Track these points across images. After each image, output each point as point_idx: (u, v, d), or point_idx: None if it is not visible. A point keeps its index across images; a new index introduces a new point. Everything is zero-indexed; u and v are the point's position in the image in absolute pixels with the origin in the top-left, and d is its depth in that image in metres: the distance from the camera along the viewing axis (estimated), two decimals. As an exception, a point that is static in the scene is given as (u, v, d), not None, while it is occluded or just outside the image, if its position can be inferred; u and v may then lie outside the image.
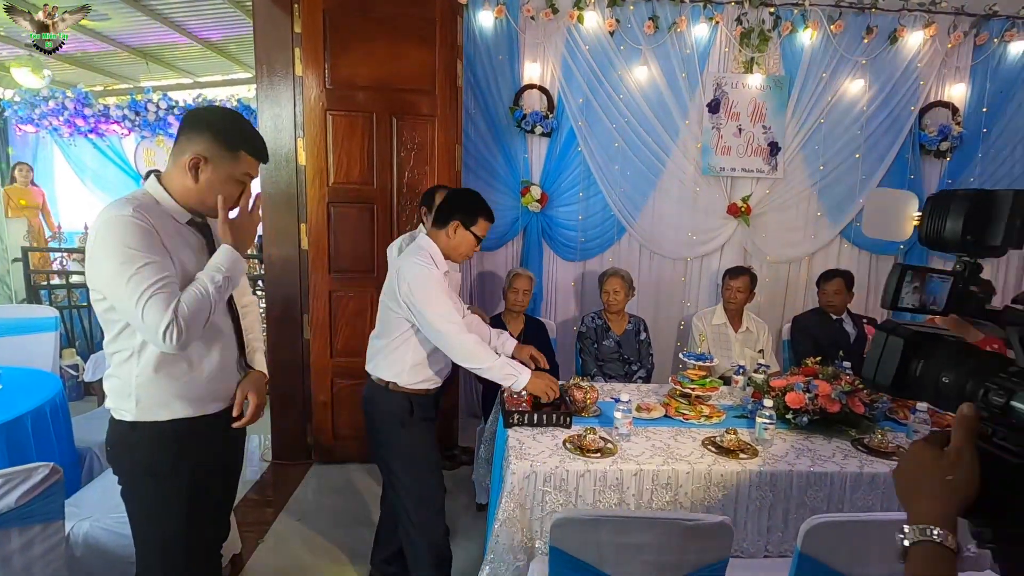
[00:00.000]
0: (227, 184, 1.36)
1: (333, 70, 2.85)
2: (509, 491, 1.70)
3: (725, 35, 3.48)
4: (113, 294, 1.26)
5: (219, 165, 1.34)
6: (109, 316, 1.32)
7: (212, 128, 1.33)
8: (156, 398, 1.34)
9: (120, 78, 7.65)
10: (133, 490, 1.40)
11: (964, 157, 3.61)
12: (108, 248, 1.23)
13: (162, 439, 1.35)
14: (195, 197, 1.36)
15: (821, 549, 1.22)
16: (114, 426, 1.37)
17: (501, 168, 3.53)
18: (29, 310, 3.13)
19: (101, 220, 1.26)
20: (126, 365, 1.33)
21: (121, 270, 1.22)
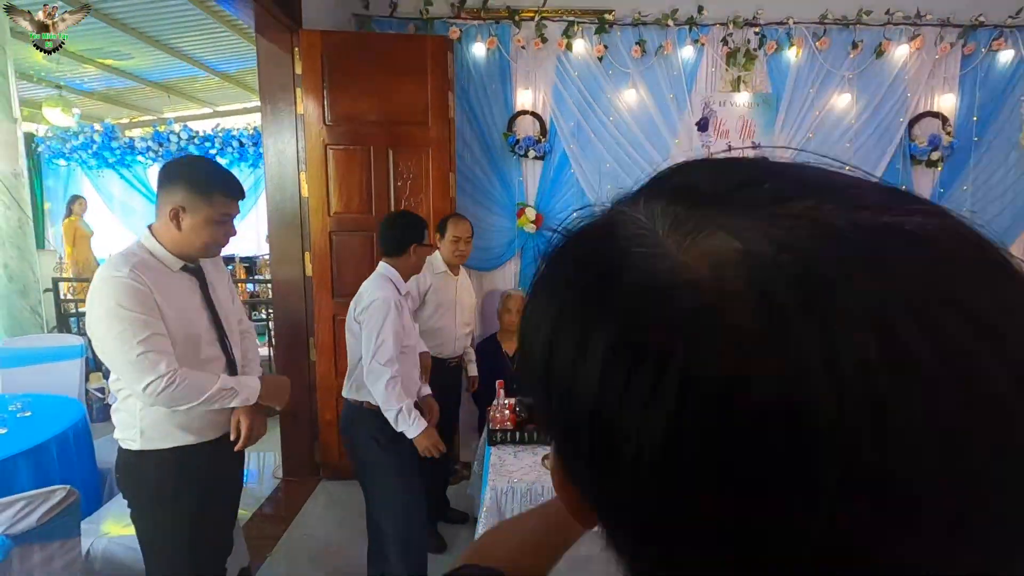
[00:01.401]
0: (208, 226, 1.48)
1: (332, 107, 3.02)
2: (488, 507, 1.81)
3: (711, 55, 3.58)
4: (103, 347, 1.41)
5: (196, 211, 1.46)
6: None
7: (183, 178, 1.47)
8: (159, 429, 1.49)
9: (144, 110, 8.05)
10: (141, 513, 1.55)
11: (956, 166, 3.62)
12: (103, 307, 1.37)
13: (165, 465, 1.50)
14: (182, 244, 1.49)
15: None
16: (122, 455, 1.53)
17: (497, 191, 3.67)
18: (57, 339, 3.36)
19: (100, 278, 1.41)
20: (129, 400, 1.48)
21: (112, 327, 1.36)
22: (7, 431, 2.12)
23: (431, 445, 1.95)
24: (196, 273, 1.57)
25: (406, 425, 1.91)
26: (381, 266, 2.09)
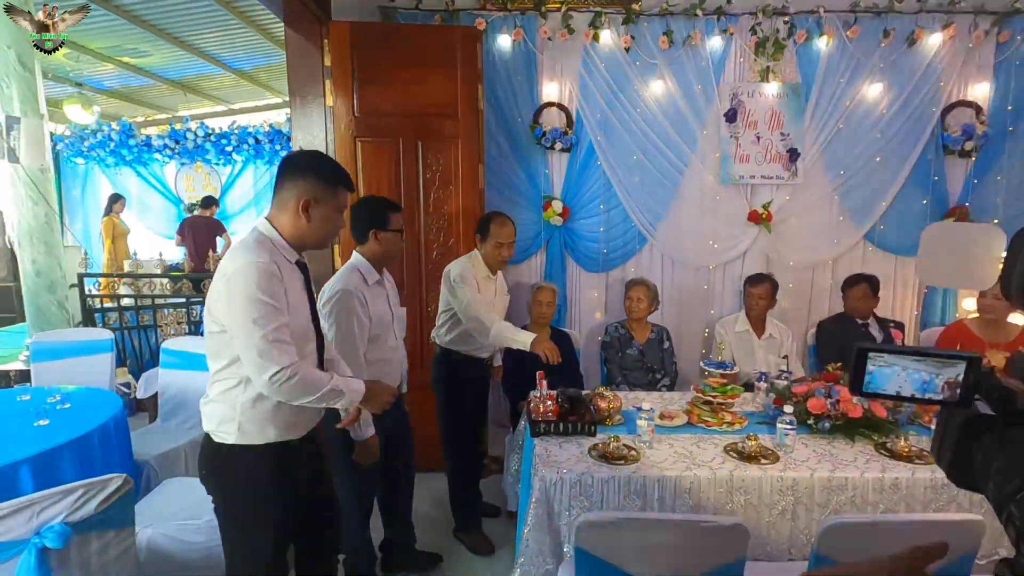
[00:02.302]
0: (332, 218, 1.53)
1: (361, 99, 3.01)
2: (537, 498, 1.79)
3: (740, 45, 3.54)
4: (236, 331, 1.39)
5: (324, 202, 1.50)
6: (222, 347, 1.46)
7: (313, 171, 1.51)
8: (256, 424, 1.48)
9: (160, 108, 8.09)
10: (229, 507, 1.56)
11: (990, 156, 3.56)
12: (243, 291, 1.37)
13: (259, 461, 1.50)
14: (309, 235, 1.51)
15: (837, 550, 1.28)
16: (213, 448, 1.52)
17: (523, 184, 3.65)
18: (87, 333, 3.36)
19: (240, 263, 1.39)
20: (232, 392, 1.48)
21: (249, 311, 1.37)
22: (49, 422, 2.12)
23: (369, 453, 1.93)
24: (303, 268, 1.59)
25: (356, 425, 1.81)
26: (352, 255, 2.10)
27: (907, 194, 3.62)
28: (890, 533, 1.27)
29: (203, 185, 7.43)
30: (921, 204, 3.62)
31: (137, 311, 4.37)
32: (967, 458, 0.61)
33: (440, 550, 2.57)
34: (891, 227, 3.67)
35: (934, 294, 3.74)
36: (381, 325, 2.06)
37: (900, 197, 3.62)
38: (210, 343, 1.49)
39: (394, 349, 2.16)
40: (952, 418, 0.64)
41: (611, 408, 2.22)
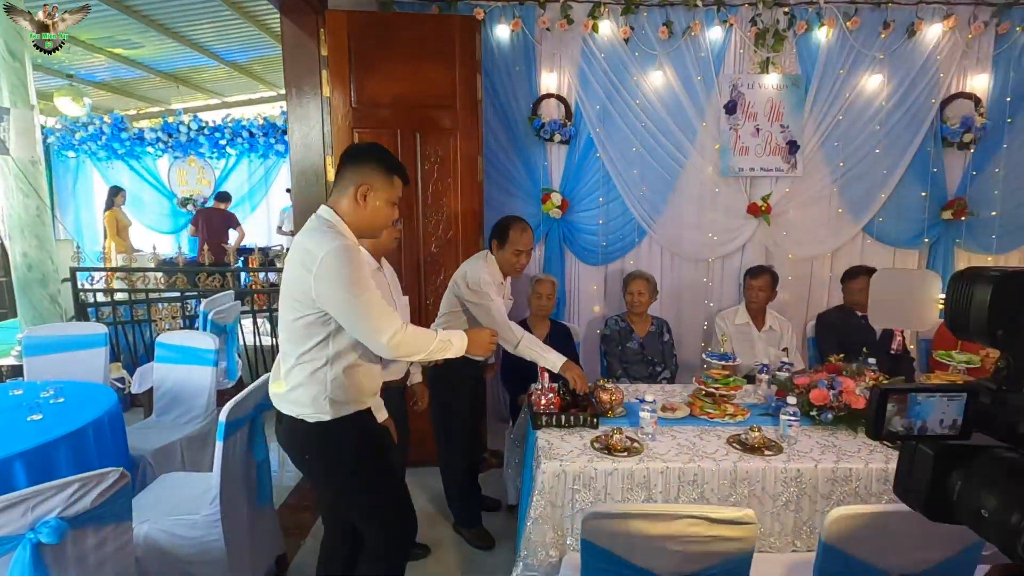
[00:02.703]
0: (386, 208, 1.60)
1: (358, 90, 2.97)
2: (540, 490, 1.78)
3: (740, 36, 3.52)
4: (342, 308, 1.47)
5: (381, 190, 1.57)
6: (308, 330, 1.51)
7: (374, 158, 1.59)
8: (346, 397, 1.57)
9: (152, 101, 7.98)
10: (348, 478, 1.64)
11: (988, 148, 3.57)
12: (349, 271, 1.45)
13: (358, 429, 1.61)
14: (364, 221, 1.58)
15: (845, 540, 1.27)
16: (312, 431, 1.57)
17: (521, 176, 3.62)
18: (80, 327, 3.31)
19: (335, 246, 1.46)
20: (320, 372, 1.54)
21: (352, 287, 1.45)
22: (43, 417, 2.08)
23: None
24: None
25: None
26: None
27: (906, 186, 3.62)
28: (898, 522, 1.26)
29: (196, 179, 7.36)
30: (920, 196, 3.62)
31: (131, 305, 4.32)
32: (943, 491, 0.59)
33: (439, 544, 2.56)
34: (890, 219, 3.67)
35: (932, 286, 3.74)
36: None
37: (899, 189, 3.62)
38: (294, 328, 1.53)
39: None
40: (919, 452, 0.62)
41: (613, 400, 2.20)
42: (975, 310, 0.59)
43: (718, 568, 1.28)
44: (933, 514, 0.62)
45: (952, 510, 0.60)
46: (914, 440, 0.63)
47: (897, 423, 0.64)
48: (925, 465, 0.60)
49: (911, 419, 0.63)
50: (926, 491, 0.60)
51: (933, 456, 0.60)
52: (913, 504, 0.63)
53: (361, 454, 1.63)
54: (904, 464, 0.64)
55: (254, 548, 2.15)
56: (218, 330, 3.41)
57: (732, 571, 1.28)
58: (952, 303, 0.64)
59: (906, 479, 0.63)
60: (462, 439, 2.54)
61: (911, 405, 0.62)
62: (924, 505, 0.61)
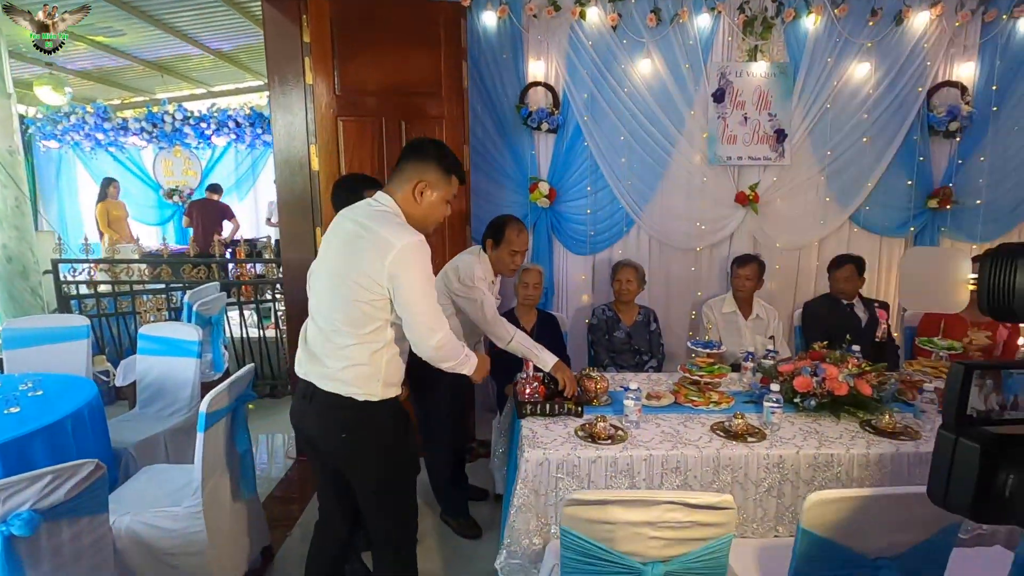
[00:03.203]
0: (440, 205, 1.62)
1: (342, 77, 2.93)
2: (523, 478, 1.77)
3: (728, 24, 3.49)
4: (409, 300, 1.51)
5: (438, 188, 1.60)
6: (372, 312, 1.53)
7: (436, 157, 1.60)
8: (391, 379, 1.62)
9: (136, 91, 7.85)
10: (386, 462, 1.65)
11: (974, 137, 3.58)
12: (421, 268, 1.51)
13: (398, 410, 1.66)
14: (418, 217, 1.60)
15: (823, 524, 1.27)
16: (360, 409, 1.58)
17: (509, 165, 3.59)
18: (62, 319, 3.27)
19: (412, 242, 1.49)
20: (378, 354, 1.57)
21: (423, 284, 1.52)
22: (20, 409, 2.05)
23: None
24: None
25: None
26: None
27: (892, 175, 3.63)
28: (876, 506, 1.27)
29: (182, 170, 7.27)
30: (906, 185, 3.63)
31: (115, 297, 4.27)
32: (991, 489, 0.53)
33: (426, 534, 2.56)
34: (876, 208, 3.68)
35: (918, 275, 3.77)
36: None
37: (885, 178, 3.63)
38: (355, 309, 1.53)
39: None
40: (962, 446, 0.55)
41: (598, 389, 2.20)
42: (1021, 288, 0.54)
43: (698, 553, 1.28)
44: (981, 515, 0.55)
45: (1003, 509, 0.53)
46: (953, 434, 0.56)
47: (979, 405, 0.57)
48: (970, 461, 0.53)
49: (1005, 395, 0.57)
50: (974, 490, 0.53)
51: (980, 450, 0.52)
52: (955, 506, 0.56)
53: (399, 436, 1.67)
54: (941, 462, 0.56)
55: (238, 540, 2.14)
56: (203, 322, 3.37)
57: (712, 556, 1.29)
58: (990, 282, 0.59)
59: (945, 479, 0.55)
60: (445, 430, 2.53)
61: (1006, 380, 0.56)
62: (972, 507, 0.54)
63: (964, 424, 0.57)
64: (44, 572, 1.36)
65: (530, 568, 1.77)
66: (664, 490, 1.73)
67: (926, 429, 1.95)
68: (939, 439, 0.59)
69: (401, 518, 1.74)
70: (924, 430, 1.95)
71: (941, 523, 1.32)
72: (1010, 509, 0.53)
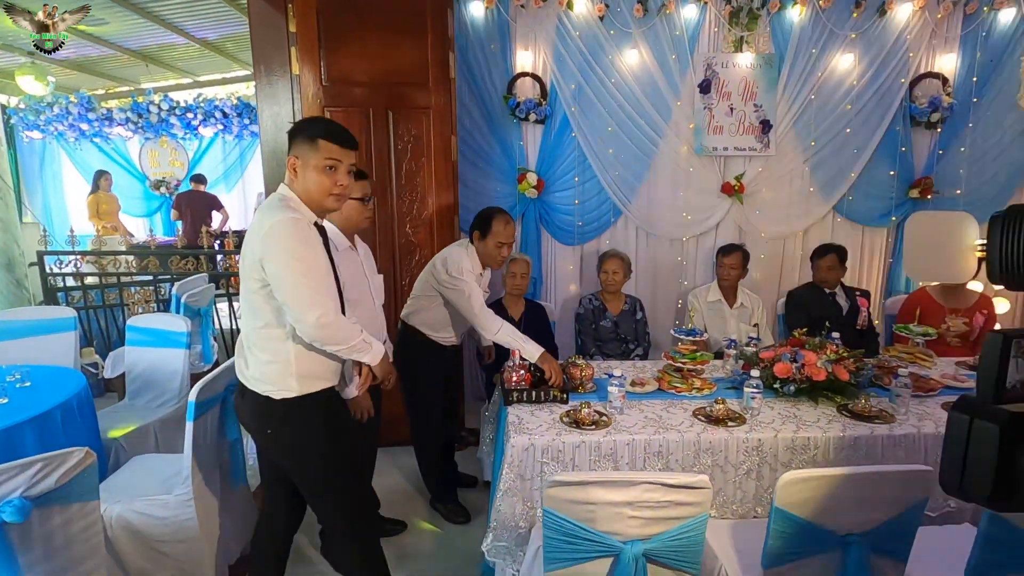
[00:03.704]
0: (321, 175, 1.55)
1: (329, 67, 2.92)
2: (509, 463, 1.81)
3: (714, 15, 3.52)
4: (280, 281, 1.47)
5: (308, 158, 1.55)
6: (263, 303, 1.52)
7: (299, 130, 1.58)
8: (312, 372, 1.58)
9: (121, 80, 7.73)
10: (311, 457, 1.63)
11: (954, 127, 3.64)
12: (286, 245, 1.46)
13: (324, 407, 1.62)
14: (306, 193, 1.57)
15: (795, 503, 1.32)
16: (275, 408, 1.57)
17: (497, 156, 3.61)
18: (48, 311, 3.25)
19: (278, 220, 1.47)
20: (281, 349, 1.54)
21: (291, 261, 1.47)
22: (8, 401, 2.05)
23: (364, 408, 1.96)
24: (321, 231, 1.63)
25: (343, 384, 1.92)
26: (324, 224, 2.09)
27: (875, 166, 3.68)
28: (846, 485, 1.32)
29: (169, 161, 7.20)
30: (888, 176, 3.69)
31: (102, 289, 4.25)
32: (1012, 473, 0.49)
33: (416, 520, 2.60)
34: (859, 198, 3.74)
35: (899, 263, 3.84)
36: (357, 290, 2.05)
37: (868, 168, 3.69)
38: (251, 300, 1.54)
39: (371, 314, 2.14)
40: (978, 428, 0.50)
41: (584, 376, 2.24)
42: None
43: (675, 531, 1.33)
44: (1001, 503, 0.51)
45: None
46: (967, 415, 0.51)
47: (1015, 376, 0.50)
48: (988, 444, 0.49)
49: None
50: (992, 476, 0.49)
51: (999, 430, 0.48)
52: (973, 494, 0.51)
53: (326, 434, 1.62)
54: (955, 447, 0.52)
55: (229, 527, 2.16)
56: (192, 313, 3.37)
57: (689, 534, 1.33)
58: (1002, 248, 0.54)
59: (959, 465, 0.51)
60: (433, 416, 2.57)
61: None
62: (992, 494, 0.49)
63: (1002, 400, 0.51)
64: (35, 558, 1.38)
65: (516, 550, 1.82)
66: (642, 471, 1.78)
67: (900, 412, 2.01)
68: (951, 422, 0.54)
69: (348, 513, 1.72)
70: (899, 413, 2.01)
71: (908, 501, 1.37)
72: None
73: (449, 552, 2.41)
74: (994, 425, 0.48)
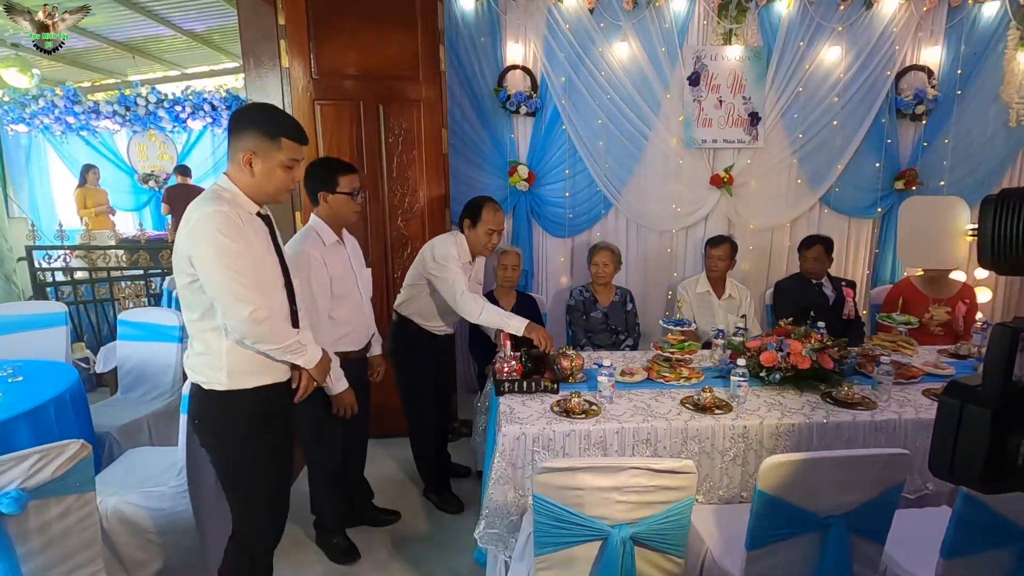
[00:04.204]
0: (278, 172, 1.53)
1: (319, 60, 2.92)
2: (501, 452, 1.84)
3: (703, 8, 3.53)
4: (208, 277, 1.44)
5: (267, 157, 1.52)
6: (196, 296, 1.49)
7: (254, 124, 1.52)
8: (244, 368, 1.54)
9: (107, 73, 7.64)
10: (231, 454, 1.60)
11: (939, 119, 3.69)
12: (212, 240, 1.42)
13: (252, 405, 1.56)
14: (256, 189, 1.54)
15: (778, 486, 1.36)
16: (204, 398, 1.56)
17: (488, 149, 3.62)
18: (38, 306, 3.24)
19: (203, 213, 1.44)
20: (214, 342, 1.51)
21: (218, 256, 1.42)
22: (1, 395, 2.06)
23: (347, 405, 2.03)
24: (266, 220, 1.61)
25: (328, 381, 1.92)
26: (311, 217, 2.12)
27: (861, 157, 3.73)
28: (826, 468, 1.36)
29: (158, 154, 7.13)
30: (874, 167, 3.74)
31: (92, 284, 4.23)
32: (1002, 457, 0.49)
33: (409, 510, 2.63)
34: (845, 190, 3.79)
35: (884, 254, 3.90)
36: (344, 284, 2.09)
37: (854, 160, 3.73)
38: (184, 294, 1.52)
39: (359, 308, 2.18)
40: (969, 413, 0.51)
41: (574, 366, 2.27)
42: None
43: (661, 515, 1.36)
44: (992, 486, 0.51)
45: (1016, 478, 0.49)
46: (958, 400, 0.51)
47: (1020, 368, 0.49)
48: (979, 428, 0.49)
49: None
50: (984, 459, 0.49)
51: (991, 415, 0.48)
52: (963, 478, 0.52)
53: (245, 435, 1.57)
54: (945, 431, 0.52)
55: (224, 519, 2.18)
56: (183, 307, 3.37)
57: (674, 517, 1.37)
58: (995, 232, 0.53)
59: (950, 449, 0.51)
60: (428, 404, 2.61)
61: None
62: (982, 477, 0.49)
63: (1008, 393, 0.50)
64: (33, 549, 1.40)
65: (508, 537, 1.85)
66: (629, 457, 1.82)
67: (882, 399, 2.06)
68: (942, 407, 0.54)
69: (248, 516, 1.66)
70: (881, 400, 2.06)
71: (886, 484, 1.42)
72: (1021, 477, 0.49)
73: (442, 540, 2.45)
74: (985, 410, 0.49)
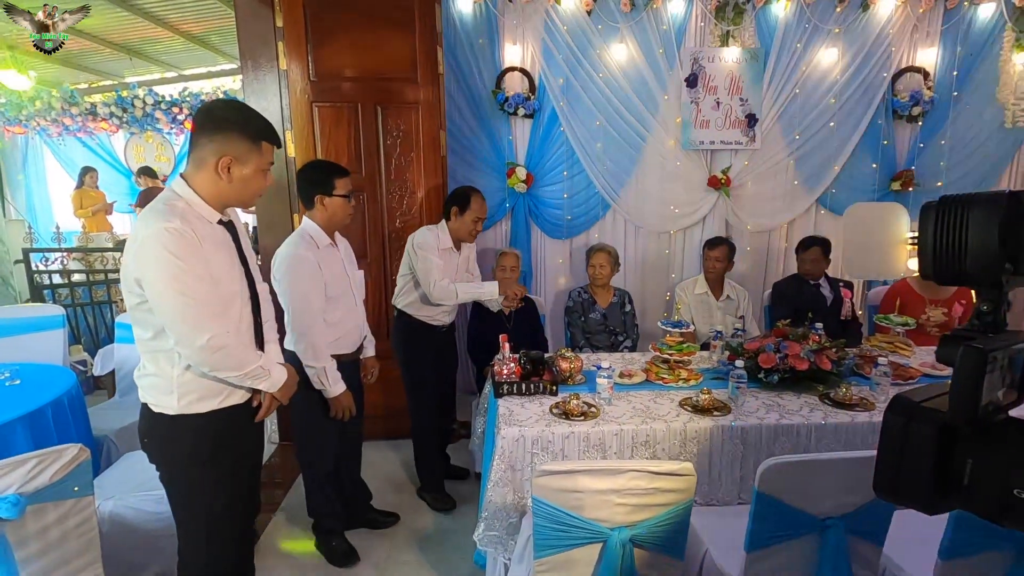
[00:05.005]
0: (256, 178, 1.44)
1: (317, 62, 2.92)
2: (500, 454, 1.85)
3: (701, 10, 3.54)
4: (158, 301, 1.34)
5: (247, 162, 1.41)
6: (148, 317, 1.39)
7: (234, 126, 1.39)
8: (195, 392, 1.44)
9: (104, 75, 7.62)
10: (175, 478, 1.52)
11: (935, 121, 3.70)
12: (161, 261, 1.30)
13: (202, 430, 1.47)
14: (227, 195, 1.43)
15: (776, 488, 1.36)
16: (153, 420, 1.47)
17: (486, 151, 3.62)
18: (36, 309, 3.23)
19: (152, 230, 1.31)
20: (165, 365, 1.42)
21: (169, 279, 1.31)
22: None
23: (345, 407, 2.07)
24: (229, 227, 1.50)
25: (325, 384, 2.02)
26: (303, 221, 2.12)
27: (858, 159, 3.74)
28: (824, 469, 1.37)
29: (155, 156, 7.12)
30: (871, 168, 3.75)
31: (90, 287, 4.22)
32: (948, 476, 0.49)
33: (406, 511, 2.63)
34: (842, 191, 3.79)
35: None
36: (338, 287, 2.10)
37: (851, 161, 3.74)
38: (134, 314, 1.42)
39: (352, 310, 2.20)
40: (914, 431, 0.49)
41: (572, 368, 2.27)
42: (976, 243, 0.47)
43: (660, 517, 1.37)
44: (936, 507, 0.49)
45: (962, 498, 0.48)
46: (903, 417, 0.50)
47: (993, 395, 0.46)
48: (924, 446, 0.47)
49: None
50: (929, 479, 0.47)
51: (935, 433, 0.47)
52: (907, 498, 0.50)
53: (199, 458, 1.48)
54: (890, 449, 0.50)
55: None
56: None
57: (673, 520, 1.37)
58: (936, 240, 0.51)
59: (894, 468, 0.49)
60: (429, 397, 2.64)
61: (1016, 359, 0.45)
62: (926, 497, 0.47)
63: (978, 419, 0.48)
64: (31, 553, 1.40)
65: (507, 539, 1.85)
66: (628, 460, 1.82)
67: (880, 400, 2.07)
68: (886, 423, 0.52)
69: (189, 542, 1.56)
70: (879, 401, 2.07)
71: (884, 484, 1.42)
72: (969, 497, 0.48)
73: (442, 542, 2.45)
74: (930, 428, 0.47)
